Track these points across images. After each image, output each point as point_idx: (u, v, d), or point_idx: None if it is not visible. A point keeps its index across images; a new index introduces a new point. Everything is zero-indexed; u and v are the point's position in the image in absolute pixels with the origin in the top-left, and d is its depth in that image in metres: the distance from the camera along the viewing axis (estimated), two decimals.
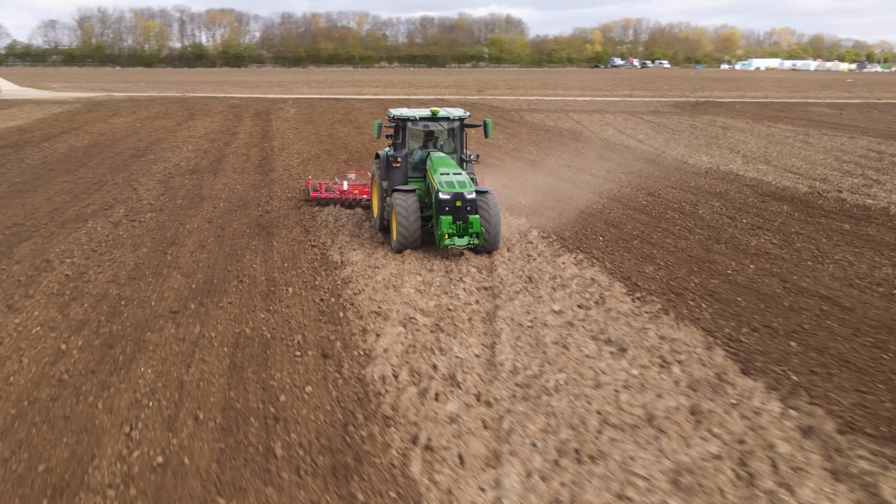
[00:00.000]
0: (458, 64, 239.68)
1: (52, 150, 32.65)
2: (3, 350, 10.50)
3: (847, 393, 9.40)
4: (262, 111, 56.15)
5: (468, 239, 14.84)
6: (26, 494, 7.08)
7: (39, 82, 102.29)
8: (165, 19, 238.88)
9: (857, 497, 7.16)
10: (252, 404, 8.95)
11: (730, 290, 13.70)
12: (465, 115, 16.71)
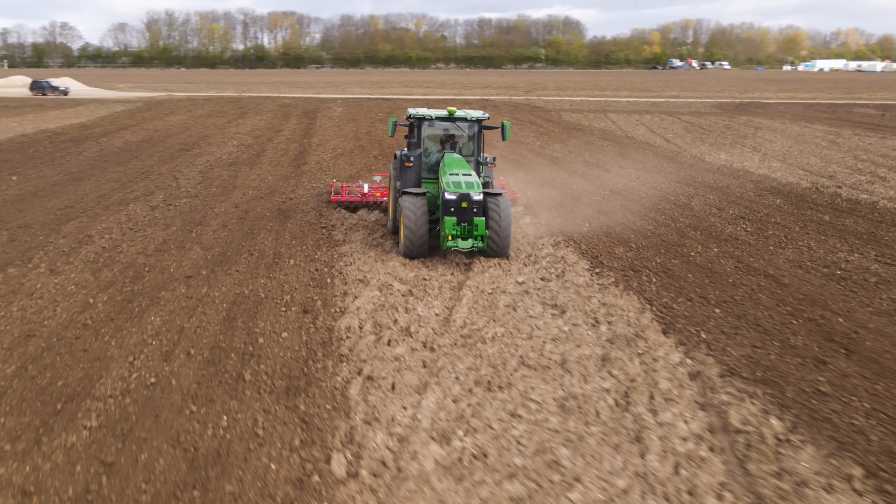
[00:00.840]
0: (515, 65, 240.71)
1: (108, 145, 35.42)
2: (42, 302, 12.66)
3: (743, 348, 10.91)
4: (311, 110, 58.63)
5: (472, 241, 14.42)
6: (46, 400, 9.11)
7: (107, 83, 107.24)
8: (229, 22, 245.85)
9: (708, 421, 8.73)
10: (235, 344, 10.89)
11: (685, 268, 15.18)
12: (483, 116, 16.29)
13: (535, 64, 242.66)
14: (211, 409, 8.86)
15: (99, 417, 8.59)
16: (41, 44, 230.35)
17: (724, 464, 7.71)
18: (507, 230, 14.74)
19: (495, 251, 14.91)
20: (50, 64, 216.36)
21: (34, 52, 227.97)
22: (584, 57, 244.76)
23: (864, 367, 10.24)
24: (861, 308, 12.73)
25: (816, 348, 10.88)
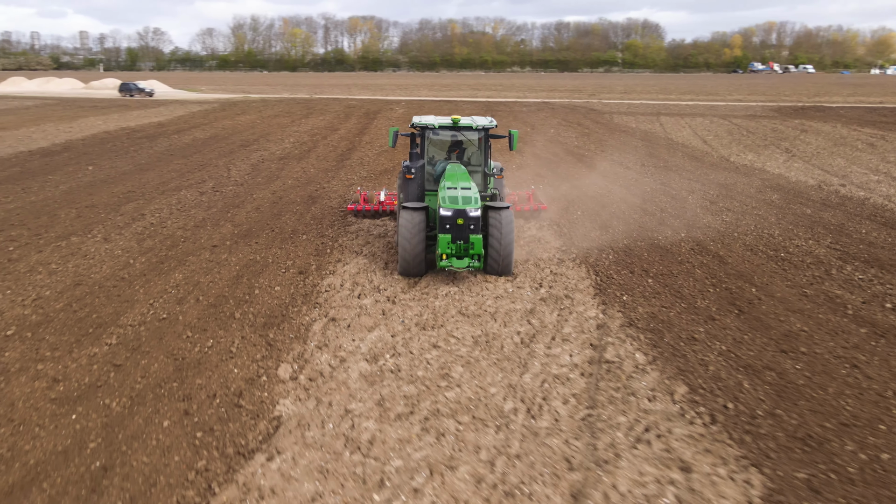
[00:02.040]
0: (591, 69, 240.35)
1: (177, 141, 39.06)
2: (92, 261, 15.65)
3: (652, 307, 13.04)
4: (373, 111, 61.73)
5: (468, 261, 13.63)
6: (82, 326, 11.93)
7: (191, 85, 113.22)
8: (311, 26, 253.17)
9: (589, 355, 10.94)
10: (236, 294, 13.58)
11: (643, 247, 17.22)
12: (490, 124, 15.47)
13: (611, 68, 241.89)
14: (202, 336, 11.54)
15: (118, 338, 11.36)
16: (135, 48, 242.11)
17: (584, 383, 9.93)
18: (509, 248, 13.88)
19: (496, 270, 14.14)
20: (142, 67, 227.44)
21: (128, 56, 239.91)
22: (662, 60, 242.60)
23: (746, 323, 12.24)
24: (780, 282, 14.59)
25: (714, 309, 12.91)
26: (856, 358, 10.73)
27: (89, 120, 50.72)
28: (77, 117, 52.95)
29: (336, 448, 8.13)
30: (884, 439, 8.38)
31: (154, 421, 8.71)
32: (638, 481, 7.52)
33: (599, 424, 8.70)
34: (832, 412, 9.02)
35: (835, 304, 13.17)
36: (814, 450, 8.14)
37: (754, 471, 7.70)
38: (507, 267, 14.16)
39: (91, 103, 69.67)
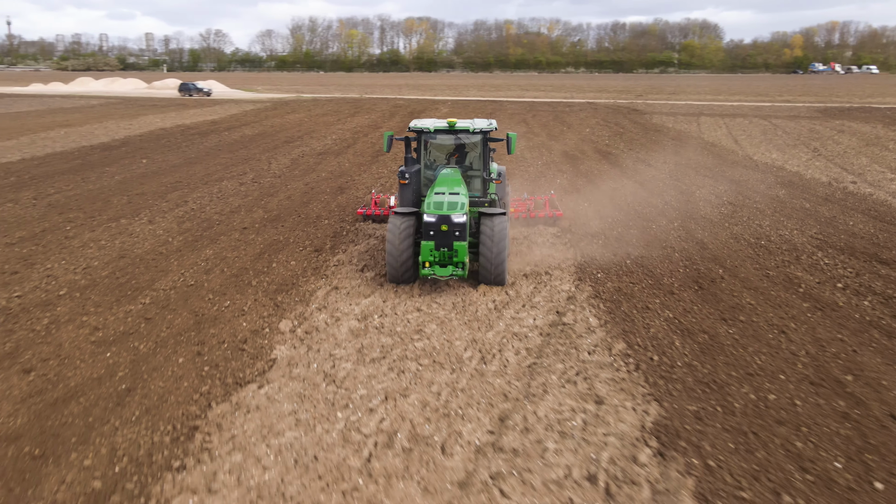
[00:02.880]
0: (646, 69, 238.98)
1: (227, 137, 41.59)
2: (136, 239, 17.84)
3: (621, 283, 14.56)
4: (418, 110, 63.74)
5: (451, 269, 13.21)
6: (122, 289, 14.03)
7: (248, 85, 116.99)
8: (367, 27, 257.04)
9: (551, 319, 12.59)
10: (256, 267, 15.57)
11: (635, 234, 18.69)
12: (489, 127, 14.88)
13: (666, 68, 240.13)
14: (221, 298, 13.54)
15: (151, 299, 13.42)
16: (197, 49, 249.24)
17: (539, 340, 11.60)
18: (501, 256, 13.39)
19: (488, 279, 13.71)
20: (203, 68, 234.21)
21: (191, 57, 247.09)
22: (720, 61, 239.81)
23: (700, 297, 13.74)
24: (749, 265, 15.99)
25: (677, 285, 14.43)
26: (787, 326, 12.17)
27: (148, 118, 53.77)
28: (137, 115, 56.11)
29: (316, 381, 9.97)
30: (777, 386, 9.88)
31: (172, 358, 10.68)
32: (556, 410, 9.18)
33: (539, 370, 10.37)
34: (743, 365, 10.55)
35: (790, 284, 14.54)
36: (713, 391, 9.70)
37: (655, 404, 9.30)
38: (499, 276, 13.57)
39: (151, 102, 73.21)
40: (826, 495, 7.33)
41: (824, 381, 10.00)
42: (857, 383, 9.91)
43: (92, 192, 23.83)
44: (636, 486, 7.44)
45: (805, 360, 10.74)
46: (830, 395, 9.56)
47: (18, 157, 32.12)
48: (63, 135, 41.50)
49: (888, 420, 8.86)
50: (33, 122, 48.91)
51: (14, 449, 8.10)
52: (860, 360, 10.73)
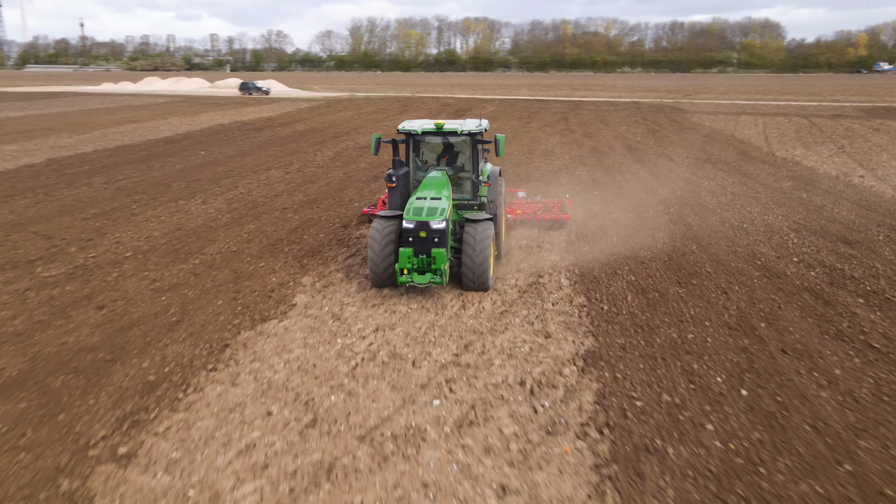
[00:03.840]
0: (704, 69, 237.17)
1: (280, 132, 44.69)
2: (189, 216, 20.72)
3: (603, 254, 16.86)
4: (464, 108, 66.22)
5: (429, 276, 12.97)
6: (177, 253, 16.84)
7: (306, 84, 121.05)
8: (425, 28, 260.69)
9: (530, 281, 14.98)
10: (290, 239, 18.22)
11: (630, 217, 20.82)
12: (479, 129, 14.71)
13: (725, 68, 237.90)
14: (258, 261, 16.23)
15: (200, 260, 16.18)
16: (259, 50, 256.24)
17: (515, 295, 13.95)
18: (484, 264, 13.20)
19: (470, 286, 13.51)
20: (265, 68, 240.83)
21: (253, 57, 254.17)
22: (780, 61, 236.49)
23: (666, 265, 15.90)
24: (723, 243, 18.01)
25: (650, 256, 16.61)
26: (731, 288, 14.30)
27: (209, 115, 57.41)
28: (199, 112, 59.84)
29: (324, 318, 12.54)
30: (700, 329, 12.09)
31: (213, 301, 13.37)
32: (511, 341, 11.56)
33: (507, 314, 12.76)
34: (678, 315, 12.77)
35: (751, 258, 16.59)
36: (643, 332, 11.97)
37: (591, 338, 11.61)
38: (482, 283, 13.39)
39: (213, 101, 77.25)
40: (698, 397, 9.58)
41: (741, 326, 12.17)
42: (768, 329, 12.05)
43: (155, 178, 26.89)
44: (554, 388, 9.80)
45: (733, 312, 12.90)
46: (740, 336, 11.74)
47: (92, 148, 35.61)
48: (131, 130, 45.13)
49: (778, 353, 11.02)
50: (105, 119, 52.87)
51: (91, 355, 10.84)
52: (780, 313, 12.84)
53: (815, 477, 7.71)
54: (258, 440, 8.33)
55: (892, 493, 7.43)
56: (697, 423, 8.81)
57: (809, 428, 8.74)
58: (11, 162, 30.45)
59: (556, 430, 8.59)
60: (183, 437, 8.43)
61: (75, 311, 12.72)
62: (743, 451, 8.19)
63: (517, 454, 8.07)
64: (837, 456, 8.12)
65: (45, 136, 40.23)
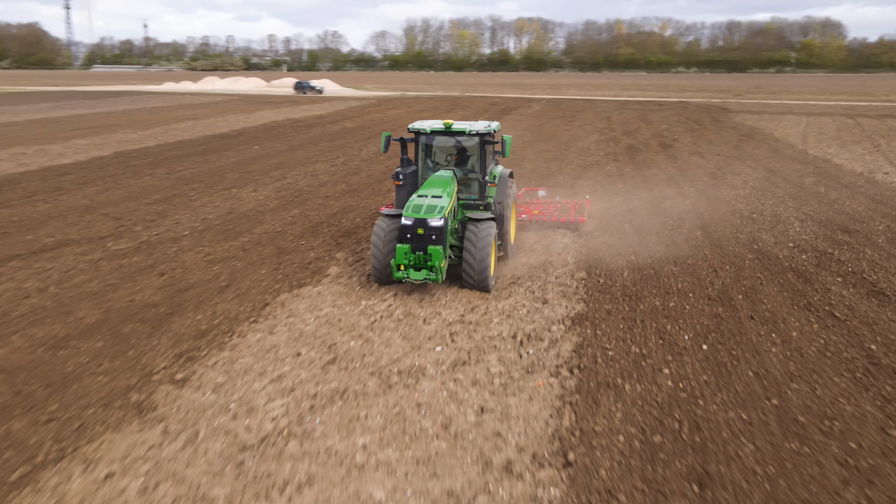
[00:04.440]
0: (761, 69, 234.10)
1: (329, 129, 46.97)
2: (241, 202, 22.88)
3: (611, 237, 18.47)
4: (510, 107, 67.88)
5: (425, 273, 12.99)
6: (228, 233, 18.95)
7: (359, 84, 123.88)
8: (479, 28, 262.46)
9: (543, 260, 16.70)
10: (329, 222, 20.17)
11: (647, 207, 22.36)
12: (488, 129, 14.83)
13: (783, 68, 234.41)
14: (299, 240, 18.22)
15: (248, 239, 18.21)
16: (315, 50, 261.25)
17: (525, 271, 15.62)
18: (484, 262, 13.25)
19: (471, 284, 13.58)
20: (320, 68, 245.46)
21: (309, 57, 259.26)
22: (841, 60, 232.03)
23: (667, 248, 17.45)
24: (727, 230, 19.39)
25: (654, 240, 18.13)
26: (721, 268, 15.79)
27: (264, 112, 60.13)
28: (254, 110, 62.64)
29: (353, 286, 14.42)
30: (681, 299, 13.66)
31: (257, 271, 15.38)
32: (511, 305, 13.26)
33: (514, 285, 14.48)
34: (665, 287, 14.35)
35: (750, 242, 18.00)
36: (630, 300, 13.60)
37: (582, 304, 13.27)
38: (482, 282, 13.43)
39: (268, 99, 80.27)
40: (663, 350, 11.21)
41: (720, 298, 13.72)
42: (744, 300, 13.58)
43: (211, 169, 29.23)
44: (540, 341, 11.51)
45: (717, 287, 14.43)
46: (717, 305, 13.29)
47: (154, 143, 38.31)
48: (190, 126, 47.92)
49: (746, 319, 12.56)
50: (166, 116, 55.91)
51: (154, 310, 12.91)
52: (760, 288, 14.33)
53: (743, 408, 9.30)
54: (287, 373, 10.23)
55: (803, 419, 8.99)
56: (656, 369, 10.45)
57: (752, 374, 10.31)
58: (82, 154, 33.16)
59: (535, 370, 10.32)
60: (227, 369, 10.38)
61: (141, 276, 14.85)
62: (689, 389, 9.82)
63: (498, 386, 9.82)
64: (768, 394, 9.69)
65: (111, 132, 43.12)
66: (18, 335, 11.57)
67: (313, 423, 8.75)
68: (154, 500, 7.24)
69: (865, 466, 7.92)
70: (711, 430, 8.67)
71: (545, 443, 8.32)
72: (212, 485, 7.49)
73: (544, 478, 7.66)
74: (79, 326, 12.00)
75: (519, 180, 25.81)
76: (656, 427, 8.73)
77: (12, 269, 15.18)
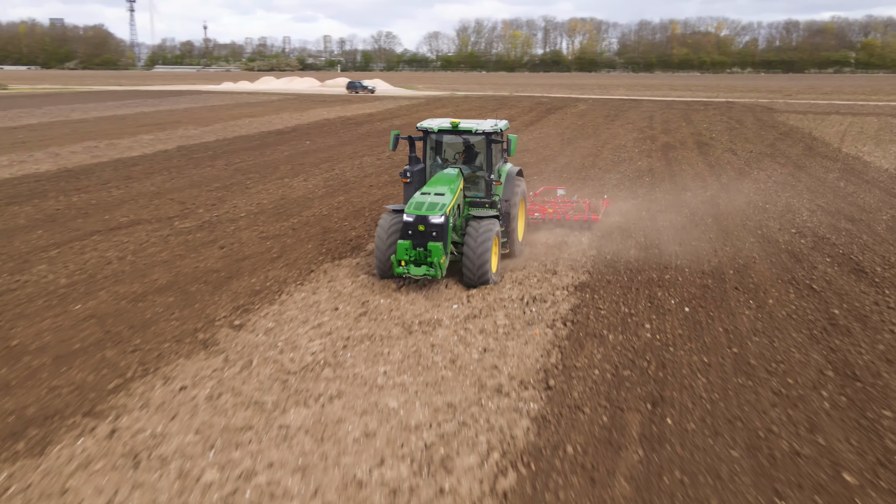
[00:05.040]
0: (819, 69, 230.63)
1: (378, 126, 49.26)
2: (293, 189, 25.13)
3: (627, 220, 20.25)
4: (555, 107, 69.44)
5: (425, 269, 13.19)
6: (279, 215, 21.17)
7: (410, 84, 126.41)
8: (532, 28, 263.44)
9: (560, 240, 18.55)
10: (371, 207, 22.23)
11: (669, 199, 24.05)
12: (494, 128, 14.86)
13: (842, 68, 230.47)
14: (343, 221, 20.26)
15: (297, 220, 20.36)
16: (369, 51, 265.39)
17: (543, 249, 17.51)
18: (482, 258, 13.48)
19: (470, 281, 13.79)
20: (374, 68, 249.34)
21: (363, 58, 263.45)
22: None
23: (676, 231, 19.12)
24: (737, 218, 20.86)
25: (667, 225, 19.84)
26: (722, 249, 17.32)
27: (316, 111, 62.81)
28: (308, 109, 65.39)
29: None
30: (676, 273, 15.31)
31: (304, 246, 17.50)
32: (525, 275, 15.01)
33: (530, 260, 16.38)
34: (666, 263, 15.98)
35: (756, 228, 19.51)
36: (631, 273, 15.29)
37: (587, 275, 15.07)
38: (481, 276, 13.63)
39: (322, 98, 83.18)
40: (649, 311, 12.97)
41: (713, 272, 15.38)
42: (734, 275, 15.23)
43: (266, 162, 31.64)
44: (543, 302, 13.38)
45: (713, 262, 16.09)
46: (708, 278, 14.97)
47: (214, 138, 41.02)
48: (247, 123, 50.70)
49: (731, 290, 14.24)
50: (225, 114, 58.91)
51: (216, 274, 15.12)
52: (752, 265, 15.93)
53: (706, 353, 11.06)
54: (326, 322, 12.29)
55: (754, 362, 10.71)
56: (639, 324, 12.25)
57: (722, 330, 12.04)
58: (149, 148, 35.94)
59: (534, 323, 12.22)
60: (276, 318, 12.49)
61: (203, 249, 17.10)
62: (663, 339, 11.60)
63: (501, 334, 11.74)
64: (731, 344, 11.42)
65: (174, 128, 46.06)
66: (104, 291, 13.86)
67: (345, 357, 10.76)
68: (218, 405, 9.32)
69: (794, 395, 9.63)
70: (674, 368, 10.45)
71: (532, 373, 10.21)
72: (262, 394, 9.56)
73: (527, 396, 9.55)
74: (153, 286, 14.24)
75: (551, 175, 27.68)
76: (628, 365, 10.55)
77: (95, 242, 17.56)
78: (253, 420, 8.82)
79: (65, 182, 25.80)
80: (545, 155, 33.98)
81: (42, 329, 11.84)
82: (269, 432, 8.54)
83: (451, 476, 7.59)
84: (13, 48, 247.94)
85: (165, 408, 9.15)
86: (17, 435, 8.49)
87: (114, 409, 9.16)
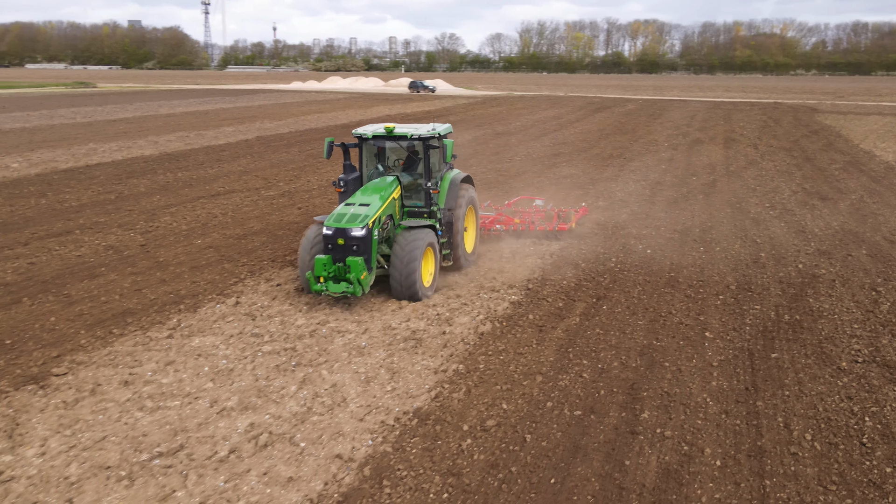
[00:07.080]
0: (887, 72, 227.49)
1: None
2: None
3: (629, 208, 24.59)
4: (604, 107, 73.13)
5: (344, 286, 12.32)
6: (332, 194, 26.17)
7: (471, 84, 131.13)
8: (594, 30, 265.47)
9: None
10: None
11: (679, 174, 28.19)
12: (430, 133, 14.01)
13: None
14: None
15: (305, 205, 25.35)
16: (432, 52, 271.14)
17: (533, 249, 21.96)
18: (409, 268, 12.70)
19: (397, 293, 12.99)
20: (437, 69, 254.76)
21: (427, 59, 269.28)
22: None
23: (668, 207, 23.42)
24: (725, 195, 25.11)
25: (662, 201, 24.11)
26: (698, 215, 21.60)
27: (379, 108, 68.00)
28: (371, 106, 70.63)
29: None
30: (653, 230, 19.68)
31: None
32: (520, 265, 19.68)
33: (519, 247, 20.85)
34: (645, 223, 20.35)
35: (736, 202, 23.61)
36: (615, 228, 19.77)
37: (577, 240, 19.56)
38: (409, 290, 12.81)
39: (385, 97, 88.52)
40: (618, 253, 17.37)
41: (681, 230, 19.65)
42: (698, 231, 19.46)
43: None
44: (542, 245, 17.90)
45: (685, 224, 20.35)
46: (675, 233, 19.27)
47: (287, 130, 46.40)
48: (316, 118, 56.09)
49: (690, 241, 18.54)
50: (296, 110, 64.56)
51: (295, 225, 20.02)
52: (717, 225, 20.09)
53: (649, 275, 15.47)
54: None
55: (681, 280, 15.09)
56: (605, 259, 16.70)
57: (668, 265, 16.41)
58: (232, 138, 41.42)
59: (520, 252, 16.75)
60: None
61: (285, 209, 22.03)
62: (620, 267, 16.04)
63: (509, 254, 16.31)
64: (671, 270, 15.80)
65: (252, 122, 51.66)
66: (216, 233, 18.86)
67: None
68: (301, 292, 14.13)
69: (699, 296, 14.01)
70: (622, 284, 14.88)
71: (520, 281, 14.76)
72: None
73: (511, 292, 14.08)
74: (250, 231, 19.18)
75: (580, 162, 31.88)
76: (592, 278, 15.02)
77: (202, 203, 22.68)
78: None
79: (167, 163, 31.19)
80: (581, 147, 38.25)
81: (178, 252, 16.86)
82: None
83: None
84: (96, 49, 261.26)
85: (270, 293, 13.95)
86: (178, 303, 13.41)
87: (235, 293, 13.98)
